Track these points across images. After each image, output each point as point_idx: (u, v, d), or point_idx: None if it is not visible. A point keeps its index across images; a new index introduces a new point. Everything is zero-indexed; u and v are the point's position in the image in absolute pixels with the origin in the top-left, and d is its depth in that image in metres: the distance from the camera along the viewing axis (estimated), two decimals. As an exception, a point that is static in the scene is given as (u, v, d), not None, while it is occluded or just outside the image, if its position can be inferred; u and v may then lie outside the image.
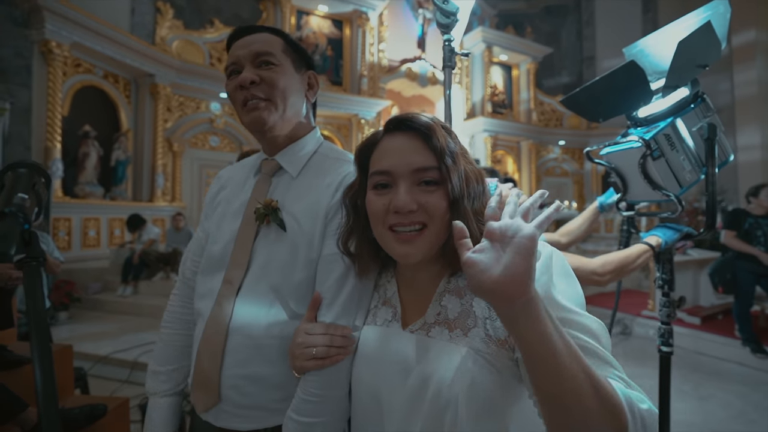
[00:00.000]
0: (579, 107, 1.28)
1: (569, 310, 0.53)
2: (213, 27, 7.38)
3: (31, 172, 0.48)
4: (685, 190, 1.15)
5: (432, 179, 0.58)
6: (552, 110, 10.91)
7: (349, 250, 0.67)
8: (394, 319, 0.65)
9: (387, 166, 0.59)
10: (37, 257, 0.42)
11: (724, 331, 4.01)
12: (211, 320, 0.74)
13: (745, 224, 3.61)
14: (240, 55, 0.77)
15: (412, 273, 0.65)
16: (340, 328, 0.66)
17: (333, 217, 0.74)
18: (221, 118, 7.48)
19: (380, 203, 0.59)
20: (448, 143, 0.59)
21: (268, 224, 0.76)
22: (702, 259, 4.90)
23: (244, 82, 0.75)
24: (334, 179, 0.77)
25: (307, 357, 0.63)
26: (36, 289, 0.40)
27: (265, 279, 0.74)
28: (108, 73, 6.18)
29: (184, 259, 0.91)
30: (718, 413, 2.74)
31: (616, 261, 1.20)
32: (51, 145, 5.20)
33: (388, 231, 0.59)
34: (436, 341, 0.59)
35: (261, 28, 0.81)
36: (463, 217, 0.57)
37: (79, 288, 4.80)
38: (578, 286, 0.57)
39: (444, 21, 1.10)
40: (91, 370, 3.02)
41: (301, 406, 0.66)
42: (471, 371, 0.54)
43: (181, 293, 0.90)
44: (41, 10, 4.95)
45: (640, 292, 5.87)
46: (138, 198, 6.57)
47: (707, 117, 1.12)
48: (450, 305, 0.60)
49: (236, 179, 0.89)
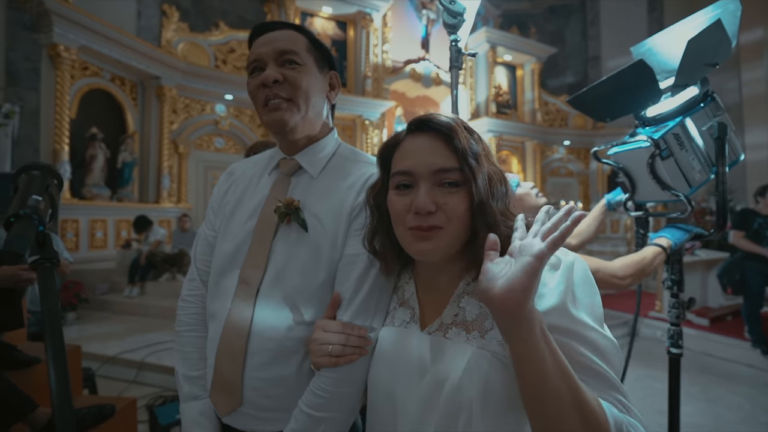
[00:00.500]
0: (586, 107, 1.27)
1: (584, 324, 0.52)
2: (218, 29, 7.43)
3: (44, 174, 0.49)
4: (695, 190, 1.14)
5: (453, 180, 0.58)
6: (557, 110, 10.86)
7: (375, 249, 0.67)
8: (412, 320, 0.65)
9: (408, 167, 0.59)
10: (51, 259, 0.42)
11: (733, 333, 3.96)
12: (230, 322, 0.73)
13: (754, 224, 3.57)
14: (263, 52, 0.75)
15: (432, 274, 0.65)
16: (356, 328, 0.66)
17: (356, 217, 0.74)
18: (226, 119, 7.52)
19: (401, 204, 0.59)
20: (470, 144, 0.59)
21: (288, 223, 0.75)
22: (710, 260, 4.85)
23: (267, 81, 0.73)
24: (356, 180, 0.77)
25: (323, 354, 0.64)
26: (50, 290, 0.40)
27: (285, 280, 0.73)
28: (115, 76, 6.24)
29: (193, 258, 0.89)
30: (727, 416, 2.71)
31: (634, 264, 1.18)
32: (59, 147, 5.26)
33: (408, 231, 0.59)
34: (453, 342, 0.59)
35: (284, 24, 0.79)
36: (489, 218, 0.57)
37: (87, 289, 4.85)
38: (598, 298, 0.56)
39: (451, 21, 1.10)
40: (99, 370, 3.05)
41: (312, 400, 0.67)
42: (486, 373, 0.54)
43: (198, 293, 0.87)
44: (49, 14, 5.01)
45: (647, 293, 5.81)
46: (144, 199, 6.63)
47: (717, 116, 1.10)
48: (468, 307, 0.60)
49: (248, 175, 0.87)
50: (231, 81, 7.18)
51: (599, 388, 0.49)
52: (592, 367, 0.50)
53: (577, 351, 0.50)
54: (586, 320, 0.52)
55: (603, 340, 0.52)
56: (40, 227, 0.42)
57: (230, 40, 7.47)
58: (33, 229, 0.41)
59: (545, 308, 0.52)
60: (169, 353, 3.29)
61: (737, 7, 0.98)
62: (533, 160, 10.31)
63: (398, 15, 9.13)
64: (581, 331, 0.52)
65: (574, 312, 0.53)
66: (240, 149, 7.82)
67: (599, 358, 0.51)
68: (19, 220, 0.41)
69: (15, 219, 0.41)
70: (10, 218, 0.41)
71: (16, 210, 0.42)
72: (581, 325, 0.52)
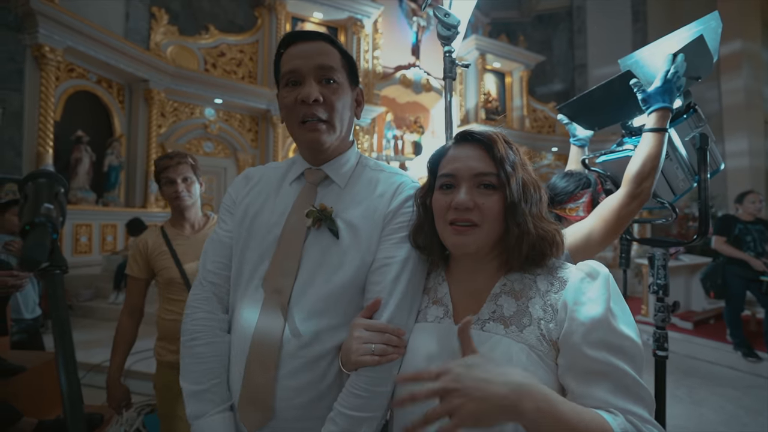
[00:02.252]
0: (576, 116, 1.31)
1: (627, 337, 0.56)
2: (208, 33, 7.39)
3: (52, 181, 0.49)
4: (679, 197, 1.18)
5: (490, 183, 0.65)
6: (545, 117, 11.06)
7: (418, 243, 0.73)
8: (446, 315, 0.69)
9: (452, 170, 0.67)
10: (61, 266, 0.43)
11: (716, 336, 4.06)
12: (260, 332, 0.72)
13: (735, 230, 3.68)
14: (301, 66, 0.75)
15: (468, 274, 0.71)
16: (396, 329, 0.68)
17: (388, 223, 0.77)
18: (215, 123, 7.46)
19: (444, 201, 0.67)
20: (508, 154, 0.66)
21: (318, 228, 0.76)
22: (694, 265, 4.98)
23: (308, 99, 0.73)
24: (387, 189, 0.80)
25: (365, 353, 0.65)
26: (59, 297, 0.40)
27: (316, 286, 0.73)
28: (102, 78, 6.15)
29: (202, 262, 0.85)
30: (711, 417, 2.77)
31: (645, 167, 0.97)
32: (43, 150, 5.14)
33: (448, 225, 0.66)
34: (491, 335, 0.62)
35: (320, 35, 0.79)
36: (519, 218, 0.63)
37: (71, 295, 4.73)
38: (628, 309, 0.61)
39: (445, 33, 1.13)
40: (84, 378, 2.97)
41: (351, 401, 0.67)
42: (525, 364, 0.57)
43: (205, 298, 0.81)
44: (34, 15, 4.92)
45: (634, 298, 5.93)
46: (131, 204, 6.51)
47: (699, 127, 1.15)
48: (506, 305, 0.64)
49: (267, 181, 0.86)
50: (221, 85, 7.14)
51: (625, 401, 0.53)
52: (631, 387, 0.53)
53: (624, 372, 0.54)
54: (628, 332, 0.56)
55: (637, 350, 0.56)
56: (53, 235, 0.42)
57: (220, 44, 7.44)
58: (48, 237, 0.41)
59: (589, 318, 0.56)
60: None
61: (719, 24, 1.03)
62: (522, 165, 10.47)
63: (389, 21, 9.22)
64: (626, 347, 0.55)
65: (617, 325, 0.56)
66: (229, 153, 7.77)
67: (634, 370, 0.55)
68: (35, 228, 0.41)
69: (30, 227, 0.42)
70: (26, 226, 0.42)
71: (30, 218, 0.42)
72: (625, 339, 0.56)
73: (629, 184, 0.98)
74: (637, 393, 0.53)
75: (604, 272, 0.61)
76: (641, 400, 0.53)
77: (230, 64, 7.53)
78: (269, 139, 7.82)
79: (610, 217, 1.00)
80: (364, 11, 8.42)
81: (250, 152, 7.87)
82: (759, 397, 3.08)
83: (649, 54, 1.12)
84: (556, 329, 0.59)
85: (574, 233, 1.05)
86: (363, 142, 8.57)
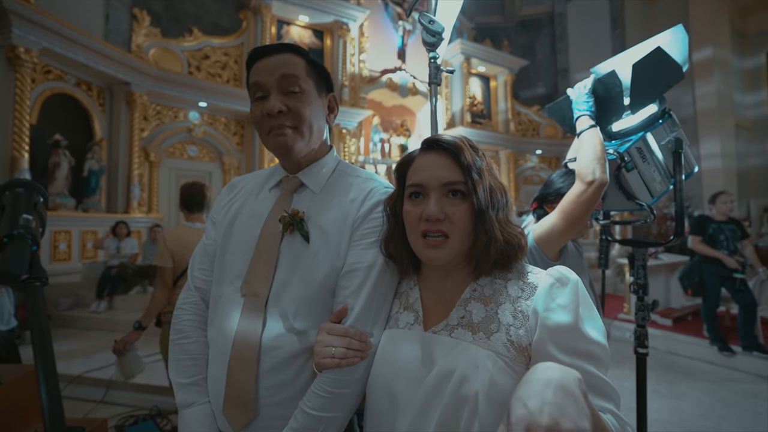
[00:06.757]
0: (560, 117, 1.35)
1: (595, 342, 0.58)
2: (191, 35, 7.27)
3: (30, 191, 0.48)
4: (656, 199, 1.23)
5: (458, 190, 0.66)
6: (529, 120, 11.25)
7: (390, 252, 0.74)
8: (416, 322, 0.70)
9: (420, 180, 0.68)
10: (41, 278, 0.42)
11: (694, 332, 4.19)
12: (241, 334, 0.75)
13: (709, 229, 3.81)
14: (264, 80, 0.78)
15: (439, 279, 0.72)
16: (358, 333, 0.70)
17: (357, 228, 0.78)
18: (200, 127, 7.34)
19: (415, 213, 0.68)
20: (474, 160, 0.67)
21: (291, 233, 0.78)
22: (672, 263, 5.13)
23: (271, 112, 0.76)
24: (357, 195, 0.81)
25: (326, 355, 0.67)
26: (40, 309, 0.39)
27: (291, 290, 0.75)
28: (80, 81, 5.98)
29: (191, 268, 0.91)
30: (690, 411, 2.86)
31: (586, 159, 1.08)
32: (18, 154, 4.97)
33: (420, 237, 0.67)
34: (459, 341, 0.63)
35: (283, 46, 0.81)
36: (487, 224, 0.65)
37: (49, 304, 4.58)
38: (596, 312, 0.63)
39: (430, 40, 1.15)
40: (64, 391, 2.88)
41: (313, 400, 0.70)
42: (491, 372, 0.58)
43: (193, 302, 0.88)
44: (7, 14, 4.74)
45: (616, 296, 6.07)
46: (113, 209, 6.34)
47: (674, 132, 1.20)
48: (475, 310, 0.65)
49: (248, 189, 0.90)
50: (205, 88, 7.04)
51: (599, 399, 0.55)
52: (596, 384, 0.56)
53: (593, 375, 0.56)
54: (596, 337, 0.59)
55: (605, 353, 0.59)
56: (33, 247, 0.41)
57: (204, 47, 7.33)
58: (27, 249, 0.40)
59: (557, 324, 0.58)
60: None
61: (684, 36, 1.10)
62: (507, 168, 10.62)
63: (375, 25, 9.25)
64: (594, 351, 0.58)
65: (585, 330, 0.59)
66: (214, 157, 7.65)
67: (603, 372, 0.58)
68: (13, 240, 0.40)
69: (9, 239, 0.40)
70: (4, 239, 0.41)
71: (8, 230, 0.41)
72: (593, 344, 0.58)
73: (580, 174, 1.09)
74: (607, 392, 0.57)
75: (574, 278, 0.63)
76: (610, 398, 0.57)
77: (215, 67, 7.43)
78: (255, 143, 7.72)
79: (568, 207, 1.10)
80: (350, 15, 8.43)
81: (236, 156, 7.78)
82: (734, 390, 3.19)
83: (622, 62, 1.17)
84: (526, 336, 0.61)
85: (540, 226, 1.17)
86: (350, 145, 8.56)
